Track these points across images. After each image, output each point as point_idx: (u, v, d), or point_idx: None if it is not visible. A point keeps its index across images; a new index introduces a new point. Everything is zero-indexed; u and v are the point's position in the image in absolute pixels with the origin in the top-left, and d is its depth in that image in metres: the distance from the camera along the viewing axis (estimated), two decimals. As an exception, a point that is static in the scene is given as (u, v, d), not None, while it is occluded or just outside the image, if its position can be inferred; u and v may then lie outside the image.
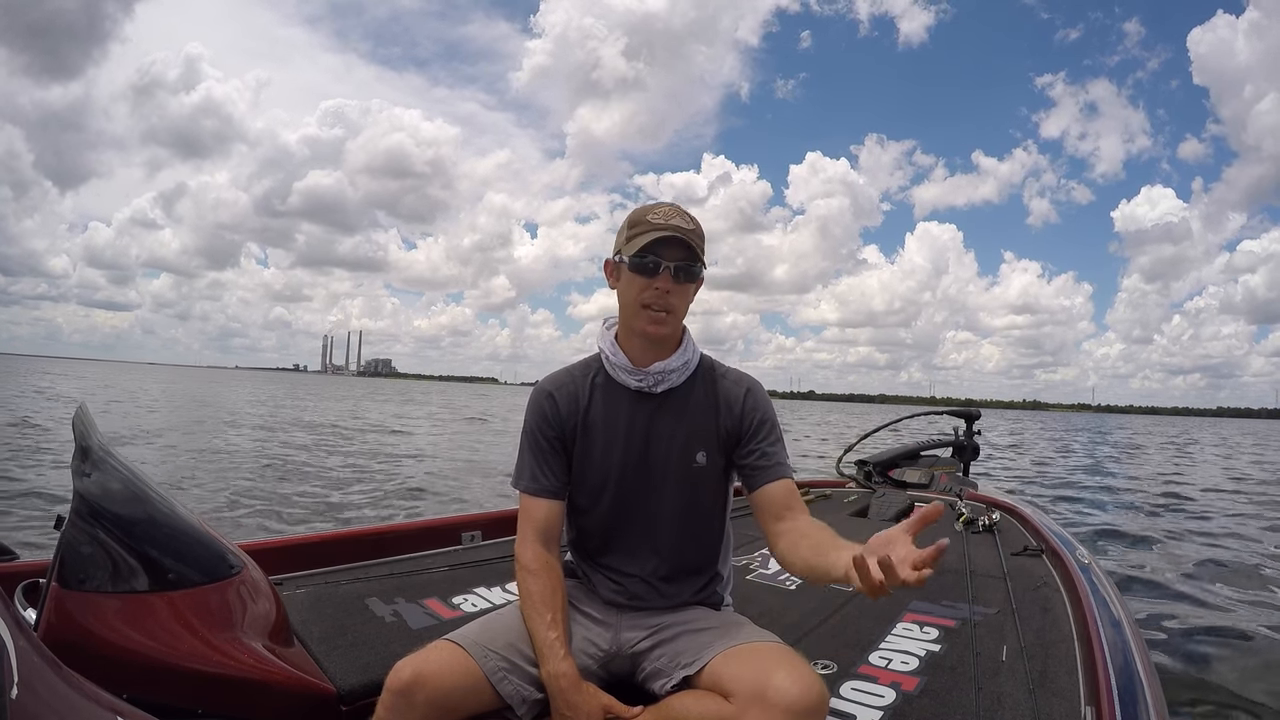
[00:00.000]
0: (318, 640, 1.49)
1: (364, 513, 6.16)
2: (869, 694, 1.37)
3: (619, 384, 1.28)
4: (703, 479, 1.28)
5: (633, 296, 1.22)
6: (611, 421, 1.28)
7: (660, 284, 1.20)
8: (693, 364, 1.29)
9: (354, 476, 8.26)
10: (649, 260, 1.19)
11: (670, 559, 1.28)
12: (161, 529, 1.23)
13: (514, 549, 1.26)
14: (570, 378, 1.32)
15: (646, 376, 1.26)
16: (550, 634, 1.14)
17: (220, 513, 5.57)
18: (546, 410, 1.29)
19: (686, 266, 1.20)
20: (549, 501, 1.27)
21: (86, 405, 1.34)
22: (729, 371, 1.33)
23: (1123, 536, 6.29)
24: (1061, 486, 10.35)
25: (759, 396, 1.30)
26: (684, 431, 1.27)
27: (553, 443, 1.28)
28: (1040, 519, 2.89)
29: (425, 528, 2.38)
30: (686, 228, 1.20)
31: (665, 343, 1.26)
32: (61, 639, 1.03)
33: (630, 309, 1.23)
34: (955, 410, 4.52)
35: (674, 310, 1.22)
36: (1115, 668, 1.35)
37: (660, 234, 1.18)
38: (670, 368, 1.26)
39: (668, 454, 1.27)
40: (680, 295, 1.22)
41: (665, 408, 1.28)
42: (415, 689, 1.04)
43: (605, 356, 1.29)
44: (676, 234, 1.19)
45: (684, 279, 1.21)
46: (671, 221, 1.20)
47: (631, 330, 1.26)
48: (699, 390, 1.29)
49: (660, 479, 1.27)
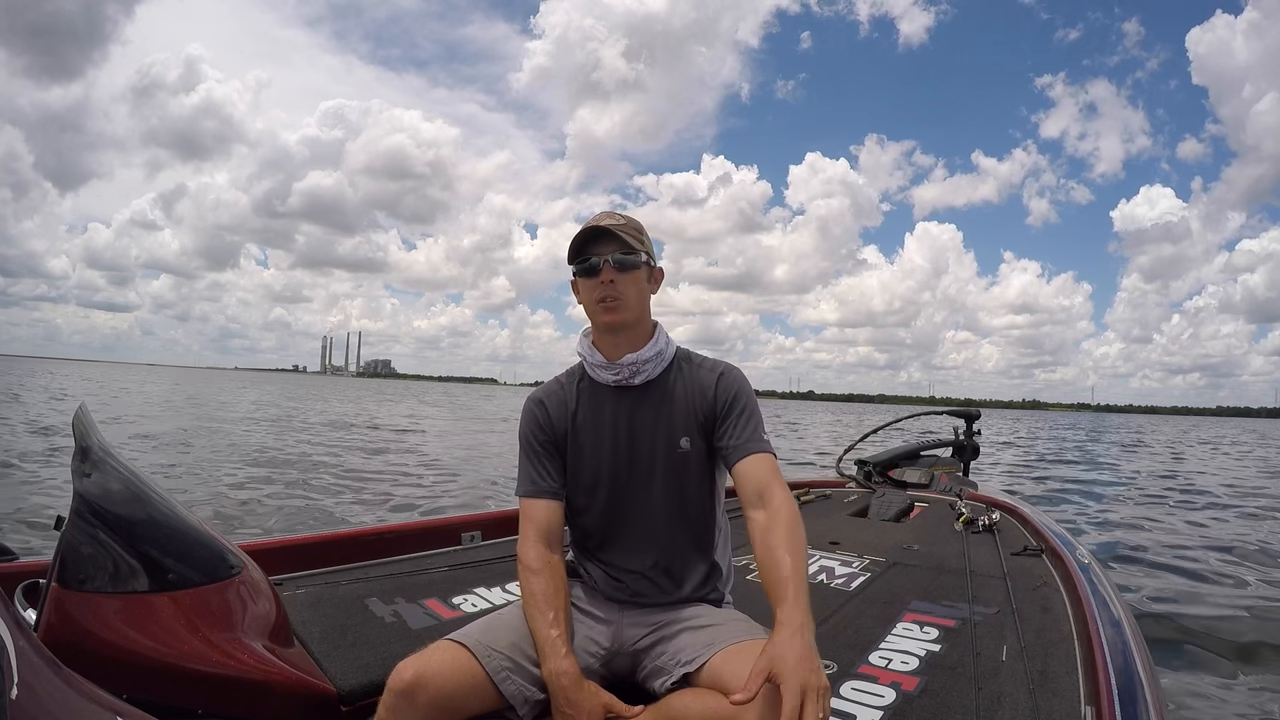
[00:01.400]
0: (318, 640, 1.49)
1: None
2: (869, 694, 1.37)
3: (600, 384, 1.34)
4: (689, 464, 1.30)
5: (590, 299, 1.29)
6: (597, 420, 1.33)
7: (603, 277, 1.26)
8: (667, 355, 1.34)
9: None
10: (587, 260, 1.27)
11: (667, 550, 1.30)
12: (161, 529, 1.23)
13: (515, 549, 1.29)
14: (559, 385, 1.39)
15: (621, 369, 1.30)
16: (552, 632, 1.15)
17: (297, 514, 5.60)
18: (538, 417, 1.35)
19: (623, 255, 1.26)
20: (548, 502, 1.31)
21: (86, 405, 1.34)
22: (705, 360, 1.37)
23: (1123, 536, 6.29)
24: (1061, 486, 10.34)
25: (731, 378, 1.32)
26: (665, 420, 1.31)
27: (546, 447, 1.34)
28: (1040, 519, 2.89)
29: (425, 528, 2.38)
30: (614, 222, 1.27)
31: (631, 334, 1.30)
32: (61, 639, 1.03)
33: (591, 310, 1.30)
34: (955, 410, 4.52)
35: (623, 297, 1.27)
36: (1115, 668, 1.35)
37: (588, 231, 1.27)
38: (643, 358, 1.30)
39: (653, 443, 1.30)
40: (627, 283, 1.27)
41: (645, 399, 1.32)
42: (417, 689, 1.04)
43: (584, 358, 1.35)
44: (603, 228, 1.26)
45: (624, 268, 1.26)
46: (600, 222, 1.28)
47: (598, 329, 1.32)
48: (676, 380, 1.33)
49: (649, 469, 1.30)
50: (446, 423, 20.86)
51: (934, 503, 3.48)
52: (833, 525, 3.01)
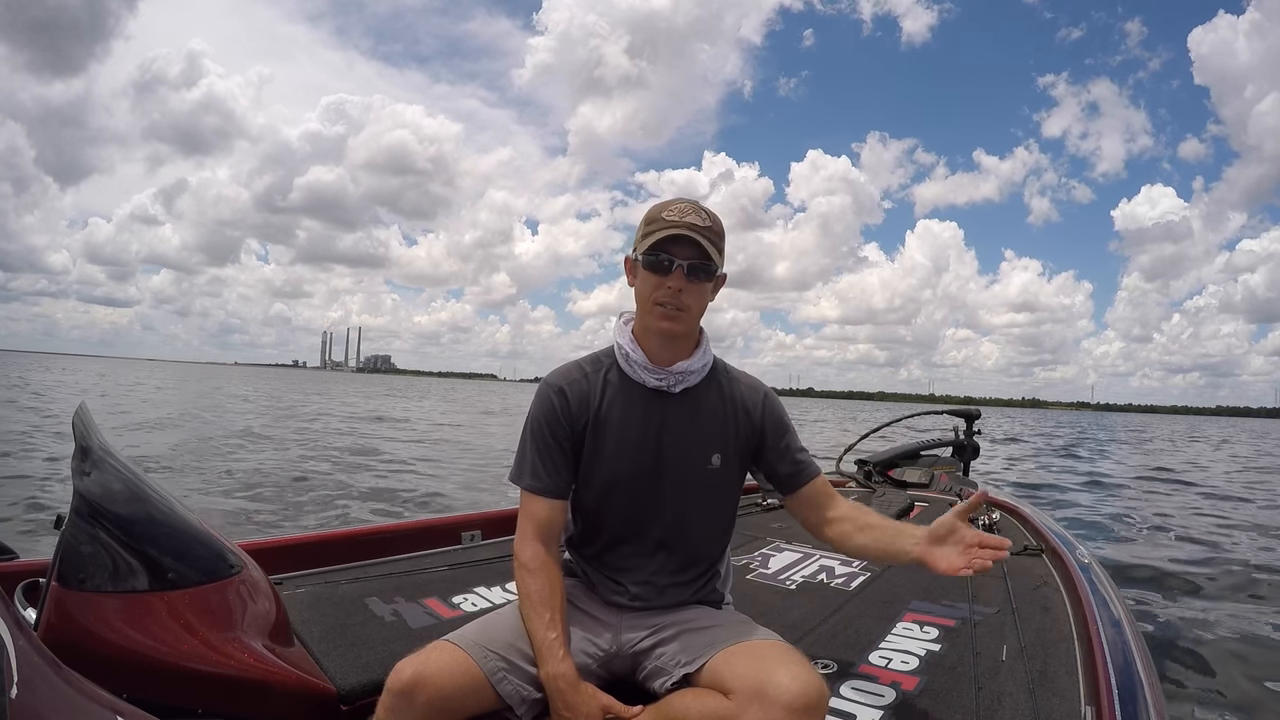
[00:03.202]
0: (318, 640, 1.49)
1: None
2: (869, 693, 1.37)
3: (634, 381, 1.26)
4: (716, 482, 1.28)
5: (647, 294, 1.22)
6: (625, 420, 1.25)
7: (672, 282, 1.19)
8: (709, 366, 1.29)
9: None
10: (661, 258, 1.19)
11: (676, 562, 1.28)
12: (161, 528, 1.22)
13: (513, 547, 1.25)
14: (581, 373, 1.28)
15: (667, 376, 1.25)
16: (549, 634, 1.13)
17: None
18: (557, 406, 1.25)
19: (700, 265, 1.19)
20: (551, 501, 1.24)
21: (86, 404, 1.34)
22: (741, 375, 1.35)
23: (1123, 535, 6.29)
24: (1061, 486, 10.34)
25: (774, 401, 1.33)
26: (700, 434, 1.27)
27: (561, 441, 1.25)
28: (1040, 518, 2.89)
29: (425, 527, 2.38)
30: (701, 225, 1.19)
31: (680, 340, 1.25)
32: (61, 639, 1.03)
33: (645, 306, 1.23)
34: (955, 409, 4.52)
35: (687, 308, 1.21)
36: (1115, 667, 1.35)
37: (672, 232, 1.18)
38: (691, 368, 1.25)
39: (682, 456, 1.26)
40: (694, 294, 1.21)
41: (681, 409, 1.27)
42: (415, 690, 1.04)
43: (624, 353, 1.26)
44: (690, 232, 1.18)
45: (697, 278, 1.20)
46: (686, 219, 1.18)
47: (647, 327, 1.25)
48: (714, 393, 1.29)
49: (673, 481, 1.26)
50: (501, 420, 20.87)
51: (934, 502, 3.47)
52: None
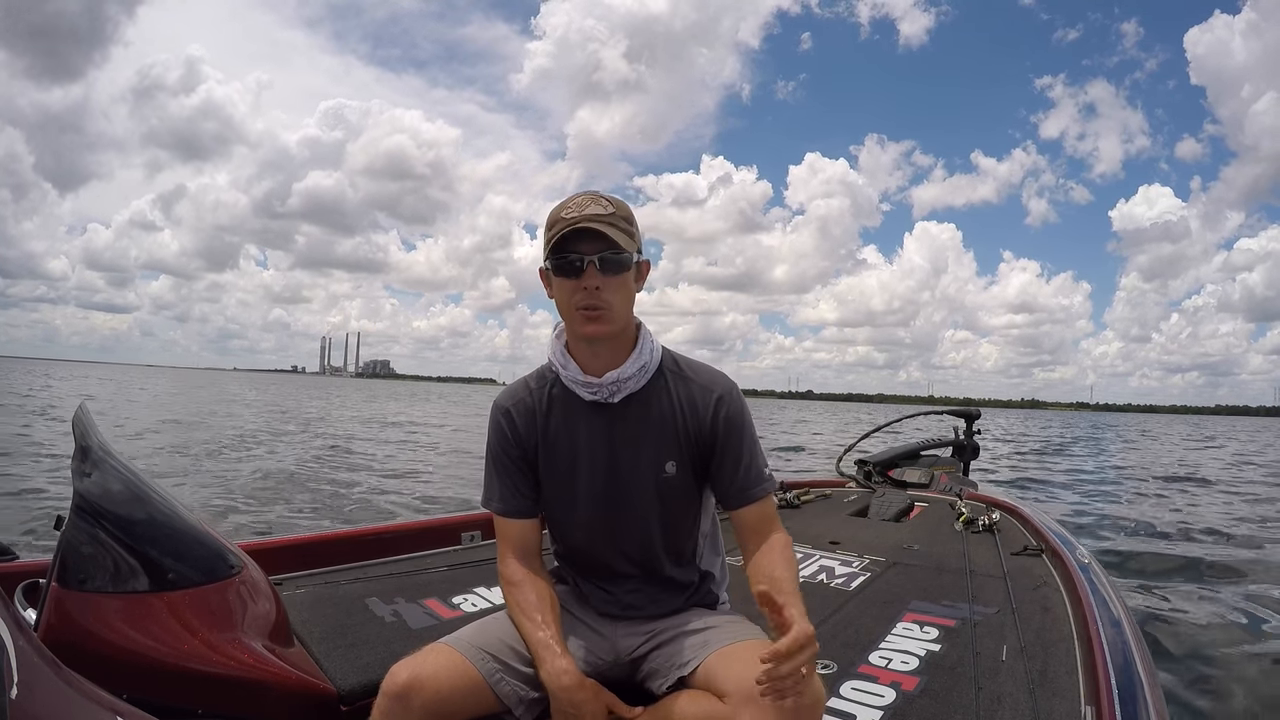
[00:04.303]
0: (318, 640, 1.49)
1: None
2: (869, 694, 1.37)
3: (576, 395, 1.19)
4: (674, 489, 1.20)
5: (566, 300, 1.11)
6: (572, 437, 1.20)
7: (588, 281, 1.09)
8: (652, 366, 1.19)
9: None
10: (570, 259, 1.09)
11: (654, 570, 1.24)
12: (161, 529, 1.23)
13: (497, 567, 1.23)
14: (526, 391, 1.24)
15: (600, 388, 1.16)
16: (544, 634, 1.11)
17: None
18: (505, 429, 1.22)
19: (612, 256, 1.09)
20: (522, 521, 1.22)
21: (86, 405, 1.34)
22: (699, 371, 1.22)
23: (1123, 535, 6.29)
24: (1061, 485, 10.34)
25: (731, 406, 1.18)
26: (649, 441, 1.18)
27: (516, 462, 1.22)
28: (1040, 518, 2.89)
29: (425, 528, 2.38)
30: (604, 214, 1.08)
31: (612, 342, 1.15)
32: (61, 639, 1.03)
33: (568, 313, 1.13)
34: (955, 410, 4.53)
35: (609, 305, 1.10)
36: (1115, 668, 1.35)
37: (571, 228, 1.07)
38: (625, 375, 1.15)
39: (635, 466, 1.18)
40: (614, 288, 1.10)
41: (626, 417, 1.18)
42: (412, 693, 1.03)
43: (558, 368, 1.19)
44: (593, 224, 1.07)
45: (613, 270, 1.10)
46: (586, 211, 1.08)
47: (573, 336, 1.17)
48: (662, 394, 1.19)
49: (631, 493, 1.20)
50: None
51: (934, 502, 3.48)
52: (833, 525, 3.01)
